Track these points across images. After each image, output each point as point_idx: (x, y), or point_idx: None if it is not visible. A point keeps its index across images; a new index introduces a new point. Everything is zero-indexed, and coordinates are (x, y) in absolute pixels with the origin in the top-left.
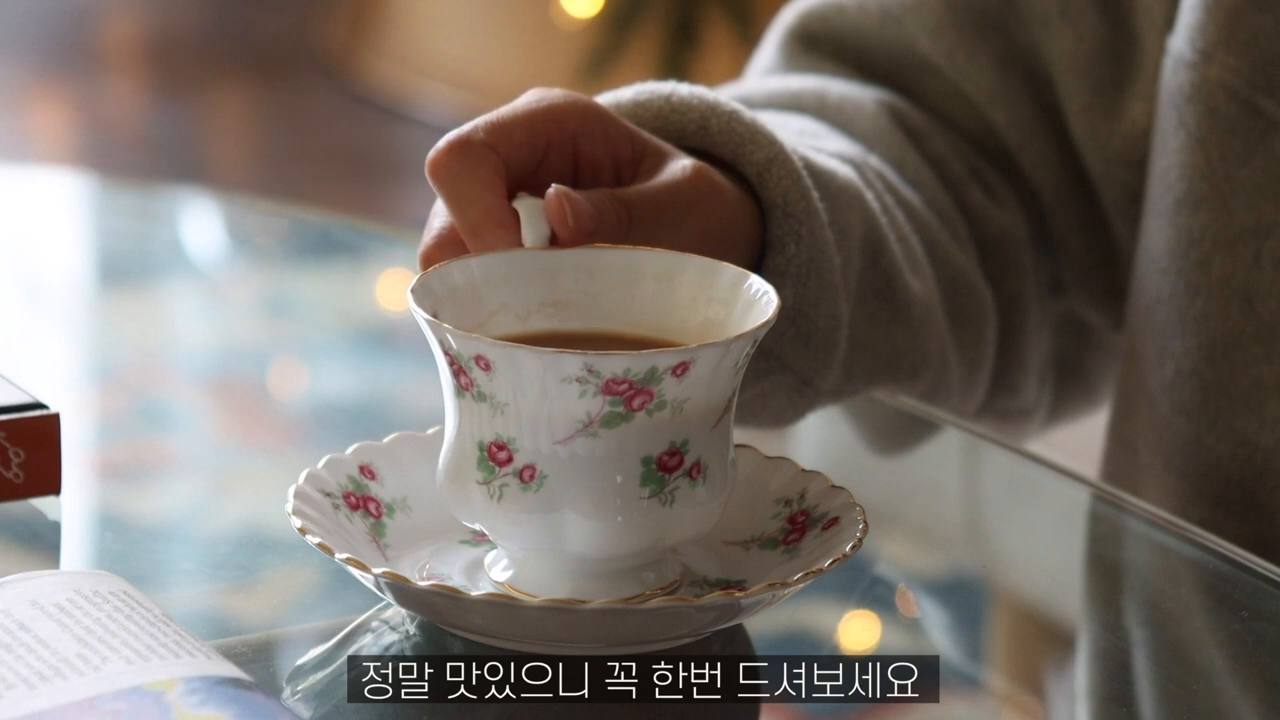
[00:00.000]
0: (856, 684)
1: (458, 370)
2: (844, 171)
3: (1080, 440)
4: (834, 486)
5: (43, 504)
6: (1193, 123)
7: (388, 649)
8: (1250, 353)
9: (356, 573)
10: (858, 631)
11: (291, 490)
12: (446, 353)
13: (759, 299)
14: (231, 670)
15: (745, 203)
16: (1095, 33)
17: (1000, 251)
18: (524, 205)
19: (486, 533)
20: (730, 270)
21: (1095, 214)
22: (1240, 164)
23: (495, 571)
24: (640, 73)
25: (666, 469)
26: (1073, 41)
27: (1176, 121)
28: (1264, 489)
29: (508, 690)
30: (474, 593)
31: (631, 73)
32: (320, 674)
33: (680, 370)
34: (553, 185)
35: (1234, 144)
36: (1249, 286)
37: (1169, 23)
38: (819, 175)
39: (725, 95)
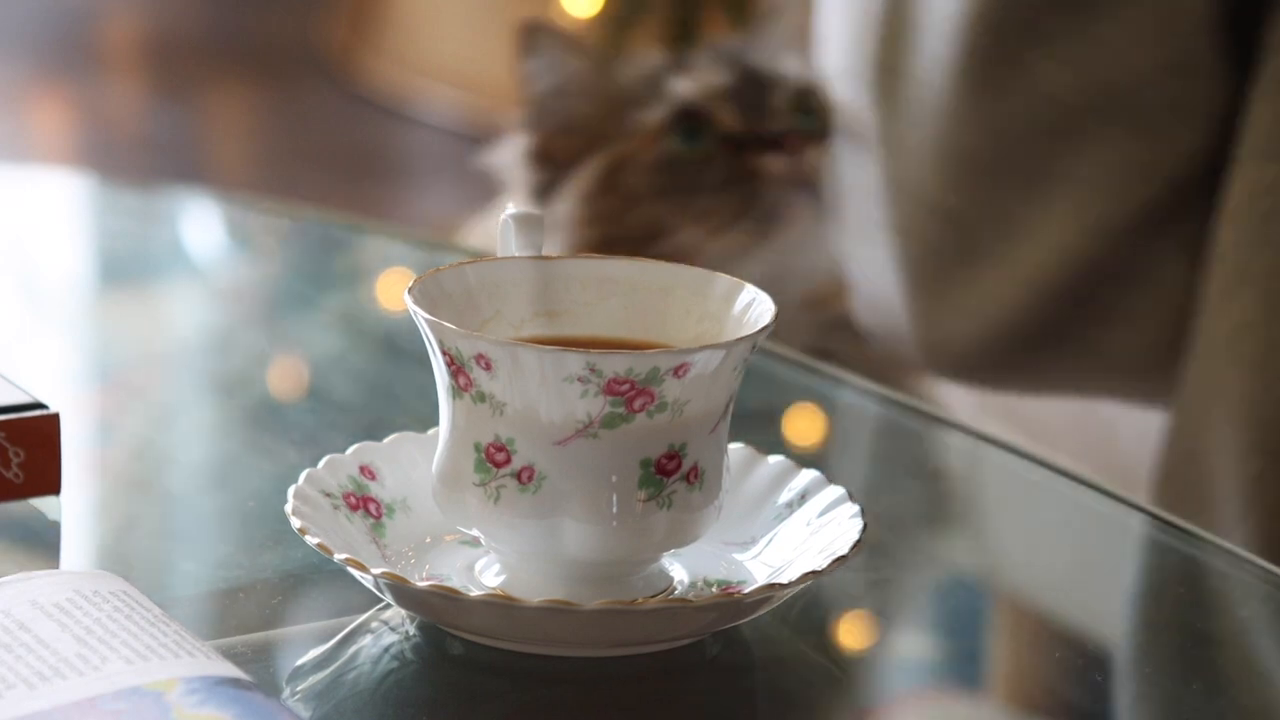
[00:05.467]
0: (857, 684)
1: (456, 370)
2: None
3: (1080, 441)
4: (833, 486)
5: (43, 504)
6: (1274, 77)
7: (388, 649)
8: None
9: (356, 573)
10: (858, 631)
11: (291, 490)
12: (445, 352)
13: (753, 307)
14: (231, 670)
15: None
16: None
17: None
18: (518, 215)
19: (481, 537)
20: (724, 280)
21: None
22: None
23: (487, 577)
24: None
25: (665, 472)
26: None
27: (1268, 74)
28: None
29: (508, 690)
30: (473, 593)
31: None
32: (320, 674)
33: (681, 371)
34: None
35: None
36: None
37: None
38: None
39: None
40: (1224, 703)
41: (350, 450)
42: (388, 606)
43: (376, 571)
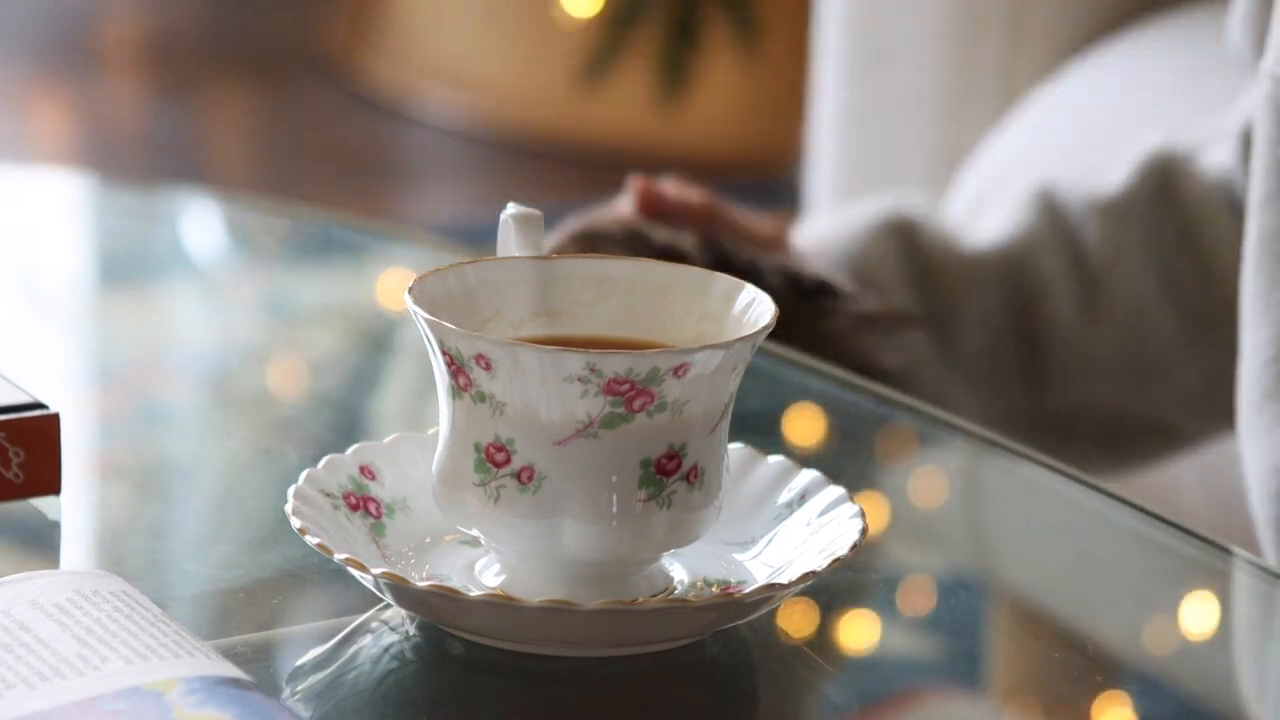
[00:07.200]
0: (857, 684)
1: (456, 370)
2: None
3: None
4: (833, 486)
5: (43, 504)
6: (1273, 129)
7: (388, 649)
8: None
9: (356, 573)
10: (858, 631)
11: (291, 490)
12: (445, 352)
13: (753, 307)
14: (231, 670)
15: None
16: None
17: None
18: (518, 214)
19: (481, 537)
20: (724, 280)
21: None
22: None
23: (487, 577)
24: (640, 73)
25: (665, 472)
26: None
27: (1265, 129)
28: None
29: (508, 690)
30: (473, 593)
31: (631, 73)
32: (320, 674)
33: (681, 371)
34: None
35: None
36: None
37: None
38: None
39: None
40: (1222, 703)
41: (350, 450)
42: (388, 606)
43: (376, 571)
